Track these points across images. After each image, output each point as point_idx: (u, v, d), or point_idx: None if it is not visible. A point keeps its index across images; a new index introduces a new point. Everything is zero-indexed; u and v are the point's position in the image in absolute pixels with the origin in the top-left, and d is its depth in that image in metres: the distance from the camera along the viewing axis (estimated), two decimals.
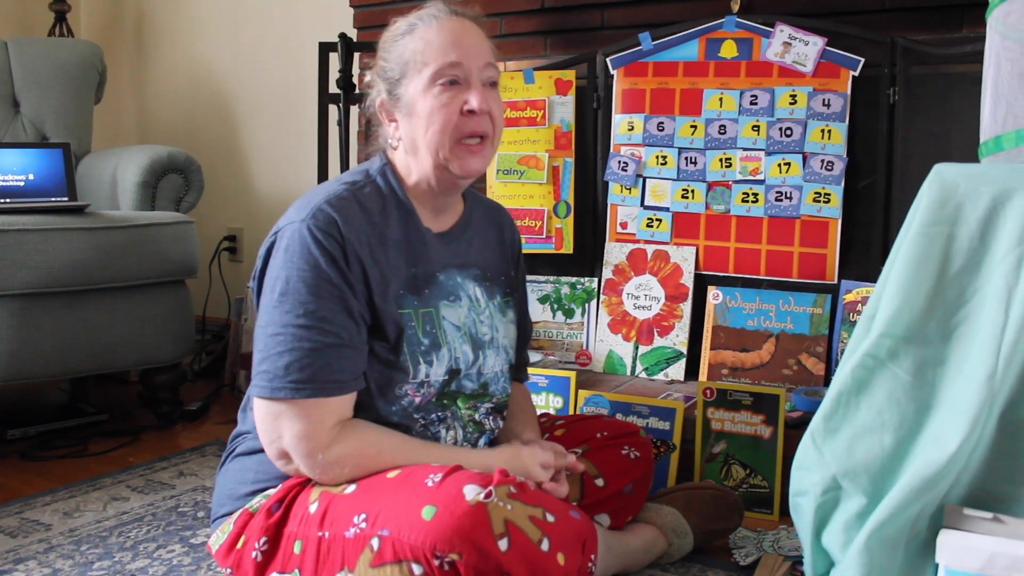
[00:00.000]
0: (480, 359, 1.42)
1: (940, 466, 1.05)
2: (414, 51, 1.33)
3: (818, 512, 1.18)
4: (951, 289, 1.11)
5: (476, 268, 1.46)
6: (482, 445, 1.46)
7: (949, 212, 1.11)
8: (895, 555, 1.11)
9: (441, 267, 1.40)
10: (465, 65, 1.32)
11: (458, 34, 1.33)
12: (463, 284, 1.43)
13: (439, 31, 1.33)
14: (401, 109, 1.36)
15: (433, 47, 1.32)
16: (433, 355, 1.35)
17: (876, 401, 1.14)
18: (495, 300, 1.48)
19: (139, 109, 3.69)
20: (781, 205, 2.24)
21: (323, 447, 1.24)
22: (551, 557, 1.12)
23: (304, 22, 3.16)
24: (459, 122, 1.32)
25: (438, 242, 1.41)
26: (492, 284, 1.49)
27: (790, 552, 1.61)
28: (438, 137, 1.32)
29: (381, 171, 1.39)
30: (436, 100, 1.31)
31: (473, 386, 1.42)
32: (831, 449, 1.16)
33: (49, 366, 2.24)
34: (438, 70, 1.31)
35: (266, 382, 1.24)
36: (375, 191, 1.36)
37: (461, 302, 1.41)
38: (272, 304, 1.26)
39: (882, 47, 2.11)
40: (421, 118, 1.33)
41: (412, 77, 1.33)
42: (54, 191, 2.50)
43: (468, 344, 1.40)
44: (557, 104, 2.48)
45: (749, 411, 1.86)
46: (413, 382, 1.33)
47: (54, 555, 1.66)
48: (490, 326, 1.45)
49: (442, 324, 1.37)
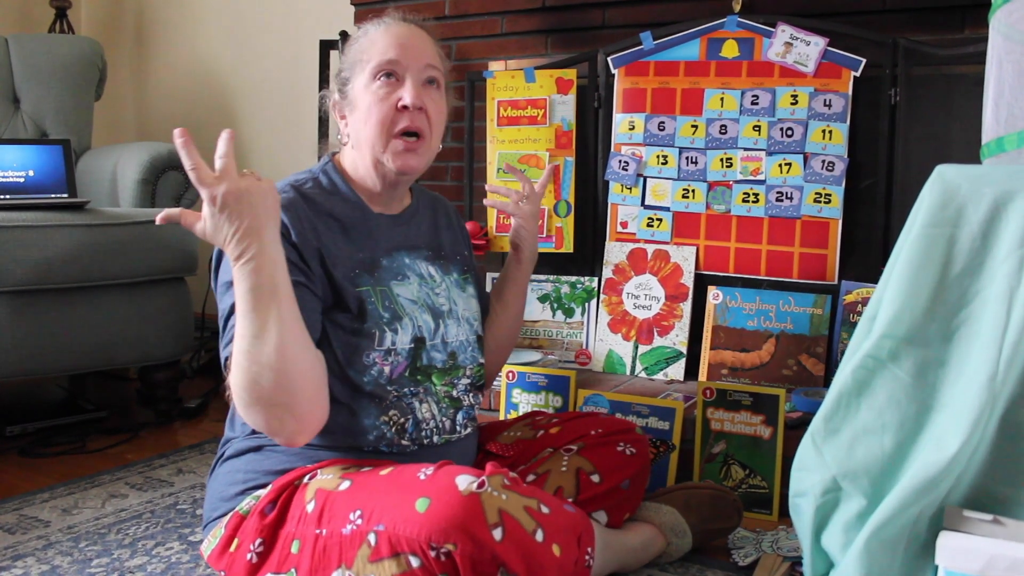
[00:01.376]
0: (442, 327, 1.47)
1: (940, 468, 1.05)
2: (360, 50, 1.43)
3: (818, 513, 1.18)
4: (952, 290, 1.11)
5: (426, 249, 1.53)
6: (460, 420, 1.49)
7: (951, 213, 1.11)
8: (895, 557, 1.11)
9: (385, 252, 1.45)
10: (403, 62, 1.40)
11: (401, 36, 1.42)
12: (411, 264, 1.48)
13: (384, 33, 1.43)
14: (348, 105, 1.44)
15: (376, 46, 1.41)
16: (396, 324, 1.40)
17: (877, 402, 1.14)
18: (451, 276, 1.55)
19: (139, 106, 3.69)
20: (782, 205, 2.24)
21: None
22: (546, 547, 1.12)
23: (305, 20, 3.16)
24: (394, 116, 1.40)
25: (387, 224, 1.48)
26: (447, 262, 1.56)
27: (789, 553, 1.61)
28: (374, 130, 1.39)
29: (323, 170, 1.47)
30: (374, 95, 1.39)
31: (442, 357, 1.46)
32: (831, 450, 1.16)
33: (48, 363, 2.24)
34: (377, 65, 1.40)
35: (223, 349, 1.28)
36: (316, 185, 1.44)
37: (410, 280, 1.46)
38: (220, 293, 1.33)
39: (884, 48, 2.11)
40: (361, 112, 1.41)
41: (357, 74, 1.42)
42: (54, 188, 2.50)
43: (428, 314, 1.45)
44: (558, 103, 2.48)
45: (749, 411, 1.86)
46: (379, 349, 1.37)
47: (53, 552, 1.66)
48: (447, 298, 1.51)
49: (397, 300, 1.42)
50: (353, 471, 1.29)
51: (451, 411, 1.46)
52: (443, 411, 1.45)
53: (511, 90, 2.49)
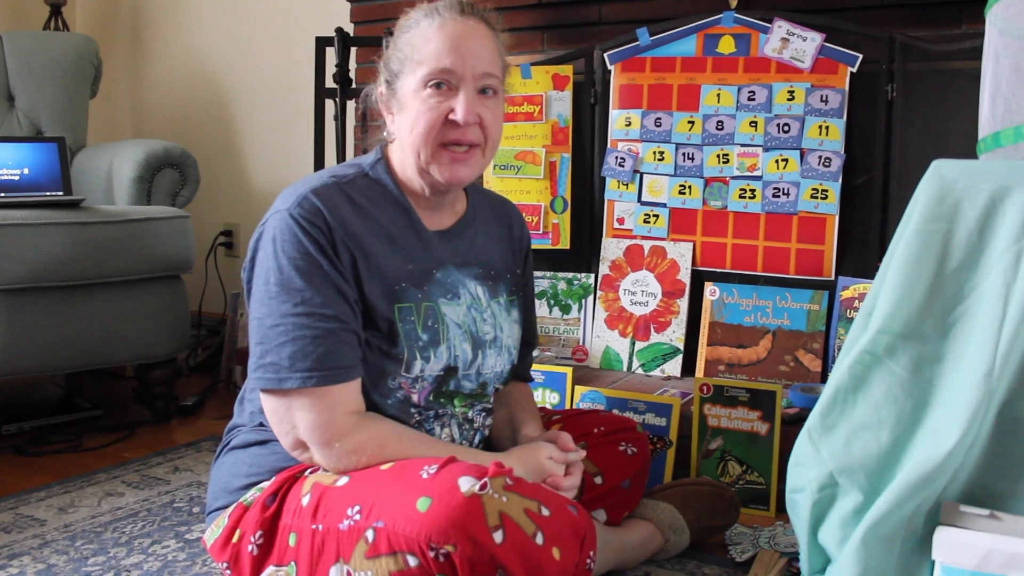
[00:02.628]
0: (479, 359, 1.40)
1: (937, 463, 1.05)
2: (413, 48, 1.31)
3: (815, 508, 1.18)
4: (949, 286, 1.11)
5: (477, 267, 1.44)
6: (476, 443, 1.45)
7: (947, 209, 1.11)
8: (891, 552, 1.11)
9: (438, 264, 1.38)
10: (459, 72, 1.29)
11: (458, 39, 1.30)
12: (463, 281, 1.40)
13: (439, 31, 1.30)
14: (396, 104, 1.35)
15: (431, 47, 1.29)
16: (431, 351, 1.33)
17: (873, 398, 1.14)
18: (499, 299, 1.46)
19: (135, 103, 3.68)
20: (778, 201, 2.24)
21: (340, 435, 1.24)
22: (546, 551, 1.12)
23: (301, 17, 3.15)
24: (442, 128, 1.30)
25: (436, 240, 1.39)
26: (496, 282, 1.46)
27: (786, 548, 1.61)
28: (420, 140, 1.30)
29: (373, 165, 1.38)
30: (424, 103, 1.30)
31: (472, 386, 1.40)
32: (828, 446, 1.16)
33: (44, 361, 2.24)
34: (430, 73, 1.29)
35: (272, 374, 1.24)
36: (367, 184, 1.35)
37: (460, 300, 1.39)
38: (268, 295, 1.26)
39: (880, 43, 2.11)
40: (409, 116, 1.31)
41: (408, 74, 1.32)
42: (49, 186, 2.49)
43: (468, 343, 1.38)
44: (554, 99, 2.48)
45: (746, 407, 1.86)
46: (406, 376, 1.32)
47: (48, 550, 1.65)
48: (493, 325, 1.42)
49: (444, 319, 1.35)
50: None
51: (471, 433, 1.43)
52: (464, 433, 1.42)
53: (507, 86, 2.48)
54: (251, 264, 1.32)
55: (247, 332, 1.40)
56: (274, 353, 1.24)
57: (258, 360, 1.26)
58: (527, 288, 1.57)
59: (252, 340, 1.28)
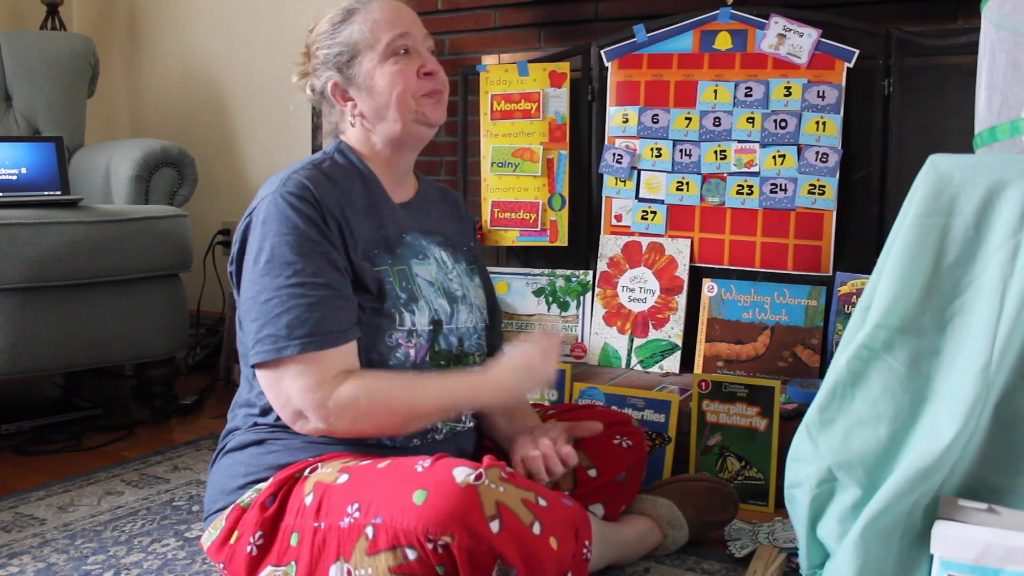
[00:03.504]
0: (455, 312, 1.47)
1: (935, 457, 1.06)
2: (361, 31, 1.44)
3: (813, 504, 1.18)
4: (946, 280, 1.11)
5: (438, 235, 1.53)
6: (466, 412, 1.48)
7: (944, 203, 1.11)
8: (890, 546, 1.11)
9: (407, 230, 1.47)
10: (412, 35, 1.44)
11: (398, 11, 1.46)
12: (428, 247, 1.49)
13: (380, 10, 1.45)
14: (359, 86, 1.44)
15: (380, 24, 1.43)
16: (413, 306, 1.40)
17: (871, 392, 1.14)
18: (460, 265, 1.55)
19: (132, 103, 3.68)
20: (776, 197, 2.24)
21: (330, 391, 1.27)
22: (543, 540, 1.12)
23: (298, 15, 3.15)
24: (419, 84, 1.43)
25: (402, 210, 1.49)
26: (456, 251, 1.55)
27: (785, 544, 1.62)
28: (402, 98, 1.42)
29: (337, 149, 1.48)
30: (394, 68, 1.42)
31: (455, 341, 1.47)
32: (826, 441, 1.16)
33: (43, 360, 2.23)
34: (390, 43, 1.42)
35: (271, 344, 1.27)
36: (335, 165, 1.44)
37: (429, 260, 1.47)
38: (259, 273, 1.30)
39: (877, 38, 2.11)
40: (384, 87, 1.42)
41: (365, 54, 1.43)
42: (47, 185, 2.49)
43: (443, 298, 1.46)
44: (551, 96, 2.48)
45: (744, 403, 1.86)
46: (401, 329, 1.38)
47: (48, 549, 1.66)
48: (460, 284, 1.51)
49: (416, 280, 1.43)
50: (352, 464, 1.29)
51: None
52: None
53: (504, 84, 2.49)
54: (239, 255, 1.38)
55: (236, 332, 1.42)
56: (271, 325, 1.28)
57: (255, 335, 1.30)
58: (479, 261, 1.64)
59: (247, 319, 1.32)
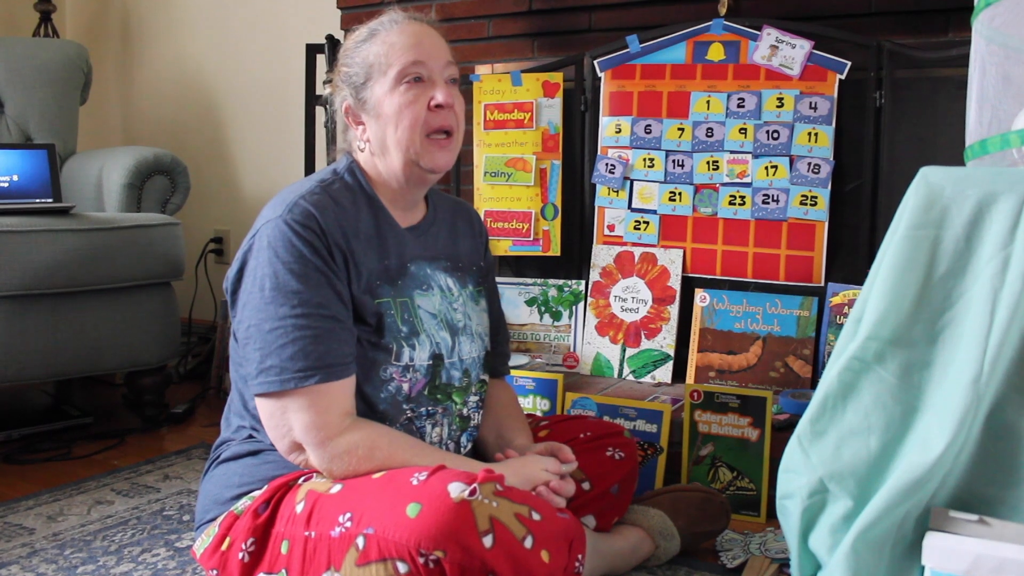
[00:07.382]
0: (458, 345, 1.45)
1: (926, 469, 1.06)
2: (377, 54, 1.38)
3: (805, 515, 1.18)
4: (937, 292, 1.11)
5: (445, 260, 1.50)
6: (464, 442, 1.47)
7: (935, 215, 1.11)
8: (881, 558, 1.11)
9: (411, 259, 1.43)
10: (428, 63, 1.37)
11: (419, 36, 1.39)
12: (433, 275, 1.46)
13: (400, 34, 1.38)
14: (368, 111, 1.40)
15: (396, 49, 1.37)
16: (414, 340, 1.38)
17: (862, 404, 1.14)
18: (467, 289, 1.52)
19: (125, 110, 3.67)
20: (768, 208, 2.24)
21: (334, 435, 1.26)
22: (535, 554, 1.12)
23: (291, 24, 3.15)
24: (427, 117, 1.37)
25: (408, 236, 1.45)
26: (464, 274, 1.52)
27: (777, 555, 1.62)
28: (408, 133, 1.36)
29: (348, 168, 1.43)
30: (403, 98, 1.36)
31: (459, 375, 1.44)
32: (818, 452, 1.16)
33: (34, 368, 2.23)
34: (402, 69, 1.36)
35: (275, 376, 1.26)
36: (344, 187, 1.40)
37: (433, 291, 1.44)
38: (264, 300, 1.28)
39: (868, 51, 2.12)
40: (390, 117, 1.37)
41: (377, 79, 1.38)
42: (39, 192, 2.49)
43: (445, 331, 1.43)
44: (544, 106, 2.48)
45: (736, 414, 1.86)
46: (397, 364, 1.36)
47: (37, 559, 1.65)
48: (463, 313, 1.48)
49: (418, 313, 1.40)
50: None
51: (458, 433, 1.45)
52: (451, 433, 1.44)
53: (498, 93, 2.49)
54: (238, 275, 1.35)
55: (228, 341, 1.41)
56: (275, 356, 1.26)
57: (259, 365, 1.28)
58: (489, 278, 1.62)
59: (251, 347, 1.29)
